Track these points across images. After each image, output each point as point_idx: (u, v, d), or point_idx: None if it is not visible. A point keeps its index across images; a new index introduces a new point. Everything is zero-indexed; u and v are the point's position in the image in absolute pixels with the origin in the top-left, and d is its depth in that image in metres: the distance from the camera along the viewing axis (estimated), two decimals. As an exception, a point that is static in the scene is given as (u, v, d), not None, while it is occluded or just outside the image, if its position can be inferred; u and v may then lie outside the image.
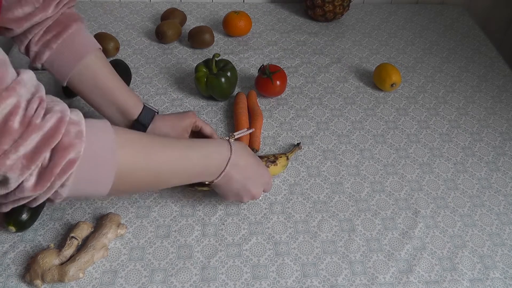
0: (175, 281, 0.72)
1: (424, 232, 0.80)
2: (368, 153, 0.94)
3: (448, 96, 1.09)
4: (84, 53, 0.77)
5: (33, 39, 0.74)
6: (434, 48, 1.25)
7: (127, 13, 1.30)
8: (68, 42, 0.76)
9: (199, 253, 0.76)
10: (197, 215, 0.81)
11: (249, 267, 0.74)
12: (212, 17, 1.30)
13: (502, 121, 1.03)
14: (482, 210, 0.85)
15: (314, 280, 0.73)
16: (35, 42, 0.74)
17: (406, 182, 0.89)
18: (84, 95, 0.80)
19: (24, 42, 0.75)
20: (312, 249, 0.77)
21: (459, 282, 0.74)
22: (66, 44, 0.76)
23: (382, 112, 1.04)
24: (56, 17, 0.75)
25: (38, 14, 0.71)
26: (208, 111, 1.02)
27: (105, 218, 0.77)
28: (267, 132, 0.97)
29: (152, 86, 1.07)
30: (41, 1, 0.71)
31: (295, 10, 1.36)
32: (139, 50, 1.17)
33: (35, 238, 0.76)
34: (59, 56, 0.76)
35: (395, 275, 0.74)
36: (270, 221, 0.81)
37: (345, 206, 0.84)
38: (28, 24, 0.71)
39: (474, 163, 0.93)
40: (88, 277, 0.71)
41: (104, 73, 0.80)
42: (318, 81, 1.11)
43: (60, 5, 0.74)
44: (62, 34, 0.75)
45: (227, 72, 0.99)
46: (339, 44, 1.24)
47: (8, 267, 0.72)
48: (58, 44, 0.75)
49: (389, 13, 1.38)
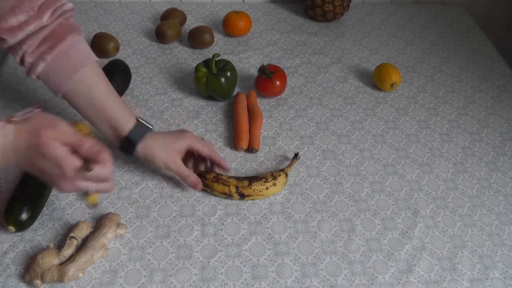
0: (174, 281, 0.72)
1: (423, 232, 0.80)
2: (368, 153, 0.94)
3: (448, 96, 1.09)
4: (78, 67, 0.76)
5: (27, 50, 0.73)
6: (434, 48, 1.25)
7: (127, 13, 1.30)
8: (62, 55, 0.75)
9: (198, 253, 0.76)
10: (196, 215, 0.81)
11: (249, 267, 0.74)
12: (212, 17, 1.30)
13: (502, 121, 1.03)
14: (482, 210, 0.85)
15: (313, 280, 0.73)
16: (30, 53, 0.73)
17: (406, 182, 0.89)
18: (79, 110, 0.80)
19: (19, 53, 0.73)
20: (311, 249, 0.77)
21: (459, 282, 0.74)
22: (61, 57, 0.75)
23: (382, 112, 1.04)
24: (52, 28, 0.74)
25: (32, 22, 0.70)
26: (208, 111, 1.02)
27: (104, 218, 0.77)
28: (267, 132, 0.97)
29: (152, 86, 1.07)
30: (36, 9, 0.70)
31: (295, 10, 1.36)
32: (139, 50, 1.17)
33: (34, 238, 0.76)
34: (54, 68, 0.75)
35: (394, 275, 0.74)
36: (269, 221, 0.81)
37: (344, 206, 0.84)
38: (22, 34, 0.70)
39: (474, 163, 0.93)
40: (87, 277, 0.71)
41: (98, 88, 0.78)
42: (318, 81, 1.11)
43: (56, 13, 0.73)
44: (57, 46, 0.74)
45: (227, 72, 0.99)
46: (339, 44, 1.24)
47: (7, 267, 0.72)
48: (52, 56, 0.74)
49: (389, 13, 1.38)
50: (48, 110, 0.98)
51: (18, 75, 1.05)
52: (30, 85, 1.03)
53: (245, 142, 0.92)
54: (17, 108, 0.98)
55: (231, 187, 0.82)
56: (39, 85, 1.03)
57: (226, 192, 0.82)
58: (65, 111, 0.97)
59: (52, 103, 1.00)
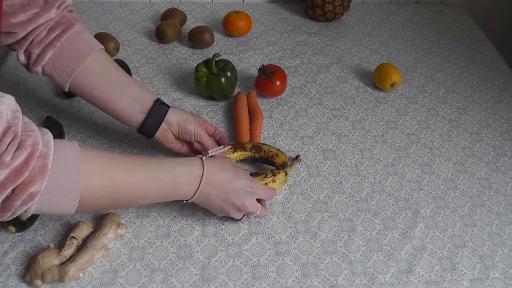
0: (175, 281, 0.72)
1: (424, 232, 0.80)
2: (368, 153, 0.94)
3: (448, 96, 1.09)
4: (90, 49, 0.77)
5: (34, 40, 0.73)
6: (434, 48, 1.25)
7: (127, 13, 1.30)
8: (72, 40, 0.76)
9: (199, 253, 0.76)
10: (197, 215, 0.81)
11: (249, 267, 0.74)
12: (212, 17, 1.30)
13: (502, 121, 1.03)
14: (482, 210, 0.85)
15: (314, 280, 0.73)
16: (37, 43, 0.74)
17: (406, 182, 0.89)
18: (93, 90, 0.79)
19: (24, 45, 0.74)
20: (312, 249, 0.77)
21: (459, 282, 0.74)
22: (70, 42, 0.75)
23: (382, 112, 1.04)
24: (58, 19, 0.75)
25: (42, 15, 0.71)
26: (208, 111, 1.02)
27: (105, 218, 0.77)
28: (267, 132, 0.97)
29: (152, 86, 1.07)
30: (42, 3, 0.71)
31: (295, 10, 1.36)
32: (139, 50, 1.17)
33: (35, 238, 0.76)
34: (63, 54, 0.75)
35: (395, 275, 0.74)
36: (270, 221, 0.81)
37: (345, 206, 0.84)
38: (32, 26, 0.71)
39: (474, 163, 0.93)
40: (88, 277, 0.71)
41: (113, 64, 0.80)
42: (318, 81, 1.11)
43: (62, 7, 0.74)
44: (67, 32, 0.75)
45: (227, 72, 0.99)
46: (339, 44, 1.24)
47: (8, 267, 0.72)
48: (62, 42, 0.74)
49: (389, 13, 1.38)
50: (49, 110, 0.98)
51: (18, 75, 1.05)
52: (30, 85, 1.03)
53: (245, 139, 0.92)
54: (17, 108, 0.98)
55: None
56: (39, 85, 1.03)
57: None
58: (78, 114, 0.97)
59: (52, 103, 1.00)
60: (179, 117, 0.83)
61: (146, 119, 0.80)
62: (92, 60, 0.77)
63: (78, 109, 0.99)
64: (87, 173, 0.59)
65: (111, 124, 0.96)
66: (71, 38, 0.75)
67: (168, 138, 0.84)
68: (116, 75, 0.80)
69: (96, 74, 0.78)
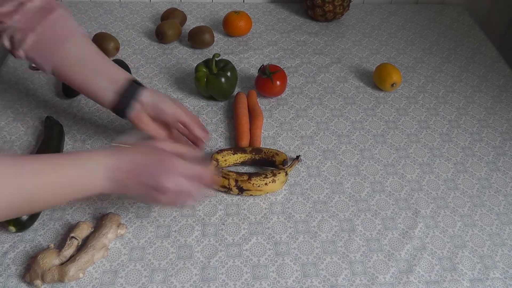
0: (175, 281, 0.72)
1: (424, 232, 0.80)
2: (368, 153, 0.94)
3: (448, 96, 1.09)
4: (71, 34, 0.78)
5: (17, 26, 0.74)
6: (434, 48, 1.25)
7: (127, 13, 1.30)
8: (53, 24, 0.76)
9: (199, 253, 0.76)
10: (197, 215, 0.81)
11: (249, 267, 0.74)
12: (212, 17, 1.30)
13: (502, 121, 1.03)
14: (482, 210, 0.85)
15: (314, 280, 0.73)
16: (19, 28, 0.75)
17: (406, 182, 0.89)
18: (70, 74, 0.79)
19: (8, 32, 0.75)
20: (312, 249, 0.77)
21: (459, 282, 0.74)
22: (52, 26, 0.76)
23: (382, 112, 1.04)
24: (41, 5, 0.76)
25: (27, 3, 0.74)
26: (208, 111, 1.02)
27: (105, 218, 0.77)
28: (267, 132, 0.97)
29: (152, 86, 1.07)
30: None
31: (295, 10, 1.36)
32: (139, 50, 1.17)
33: (35, 238, 0.76)
34: (45, 37, 0.76)
35: (395, 275, 0.74)
36: (270, 221, 0.81)
37: (345, 206, 0.84)
38: (18, 15, 0.73)
39: (474, 163, 0.93)
40: (88, 277, 0.71)
41: (92, 47, 0.81)
42: (318, 81, 1.11)
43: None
44: (48, 17, 0.76)
45: (227, 72, 0.99)
46: (339, 44, 1.24)
47: (8, 267, 0.72)
48: (43, 26, 0.75)
49: (389, 13, 1.38)
50: (49, 110, 0.98)
51: (18, 75, 1.05)
52: (30, 85, 1.03)
53: (246, 142, 0.92)
54: (17, 108, 0.98)
55: (230, 180, 0.82)
56: (39, 85, 1.03)
57: (225, 185, 0.82)
58: (78, 114, 0.97)
59: (52, 103, 1.00)
60: (155, 98, 0.81)
61: (119, 98, 0.80)
62: (72, 43, 0.78)
63: (78, 109, 0.99)
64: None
65: (111, 124, 0.96)
66: (52, 22, 0.76)
67: (143, 119, 0.81)
68: (95, 58, 0.80)
69: (75, 57, 0.78)
